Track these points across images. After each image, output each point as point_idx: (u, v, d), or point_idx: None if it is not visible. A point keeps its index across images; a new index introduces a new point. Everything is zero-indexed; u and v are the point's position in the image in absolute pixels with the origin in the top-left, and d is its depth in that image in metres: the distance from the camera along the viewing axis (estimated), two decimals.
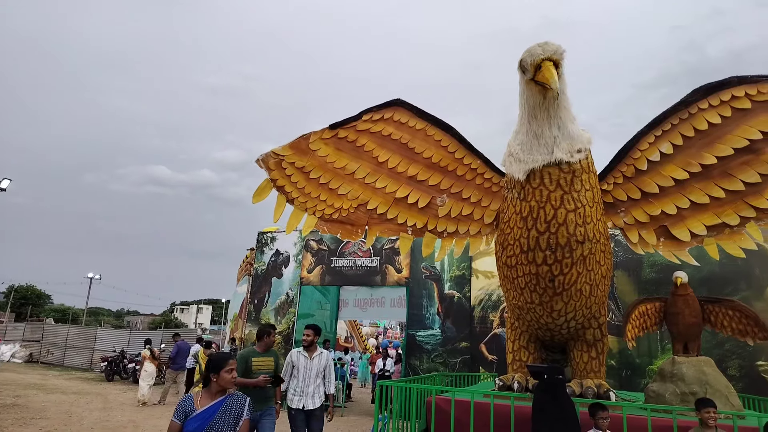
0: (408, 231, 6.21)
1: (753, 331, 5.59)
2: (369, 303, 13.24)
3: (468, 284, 11.75)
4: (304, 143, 6.42)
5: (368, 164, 6.30)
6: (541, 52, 4.58)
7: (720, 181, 5.14)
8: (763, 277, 9.62)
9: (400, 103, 6.26)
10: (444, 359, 11.39)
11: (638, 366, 9.88)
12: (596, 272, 5.18)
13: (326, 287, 13.28)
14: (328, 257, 13.08)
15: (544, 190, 4.96)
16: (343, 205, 6.33)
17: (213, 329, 57.77)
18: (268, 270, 13.53)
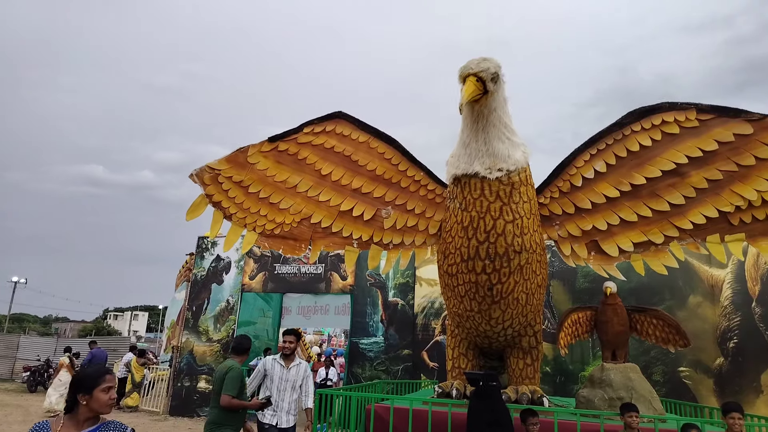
0: (354, 244, 6.15)
1: (674, 339, 5.94)
2: (313, 310, 13.10)
3: (412, 292, 11.85)
4: (242, 157, 6.20)
5: (311, 177, 6.17)
6: (468, 67, 4.78)
7: (648, 200, 5.38)
8: (686, 287, 10.24)
9: (341, 116, 6.20)
10: (386, 367, 11.42)
11: (571, 372, 10.26)
12: (532, 281, 5.34)
13: (269, 294, 13.04)
14: (272, 263, 12.86)
15: (485, 201, 5.09)
16: (285, 220, 6.16)
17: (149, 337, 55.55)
18: (208, 276, 13.14)
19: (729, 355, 9.73)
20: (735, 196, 5.07)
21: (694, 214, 5.22)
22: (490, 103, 4.94)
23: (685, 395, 9.48)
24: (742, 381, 9.56)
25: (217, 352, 12.45)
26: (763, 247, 5.10)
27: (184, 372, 12.39)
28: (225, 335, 12.58)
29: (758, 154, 4.98)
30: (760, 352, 9.59)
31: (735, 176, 5.07)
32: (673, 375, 9.83)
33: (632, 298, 9.53)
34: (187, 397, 12.17)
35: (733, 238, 5.12)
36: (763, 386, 9.45)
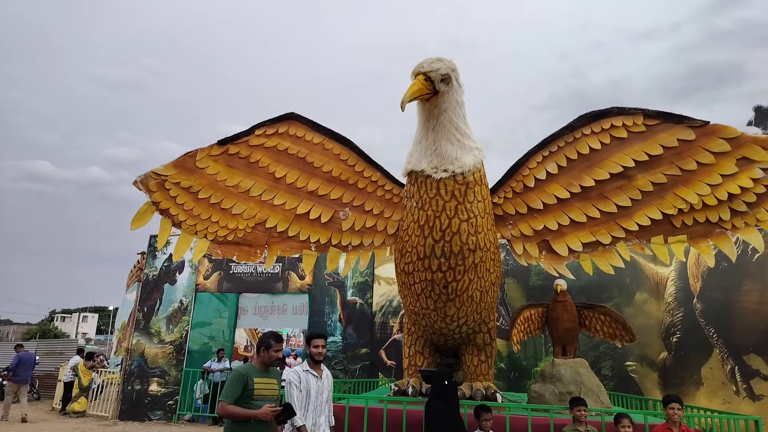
0: (311, 247, 6.03)
1: (621, 335, 6.17)
2: (270, 310, 12.92)
3: (370, 291, 11.87)
4: (190, 161, 5.93)
5: (264, 181, 5.99)
6: (422, 65, 4.85)
7: (596, 202, 5.55)
8: (633, 285, 10.66)
9: (294, 117, 6.07)
10: (344, 366, 11.40)
11: (525, 368, 10.52)
12: (486, 279, 5.44)
13: (224, 294, 12.78)
14: (227, 263, 12.60)
15: (440, 200, 5.15)
16: (238, 226, 5.95)
17: (99, 339, 53.59)
18: (161, 276, 12.76)
19: (672, 350, 10.19)
20: (678, 200, 5.28)
21: (639, 216, 5.42)
22: (440, 103, 5.01)
23: (631, 388, 9.87)
24: (684, 374, 10.03)
25: (170, 354, 12.12)
26: (703, 248, 5.35)
27: (134, 375, 12.00)
28: (178, 336, 12.26)
29: (700, 160, 5.21)
30: (700, 346, 10.07)
31: (678, 180, 5.29)
32: (620, 369, 10.21)
33: (582, 296, 9.84)
34: (137, 401, 11.79)
35: (676, 240, 5.34)
36: (703, 379, 9.94)
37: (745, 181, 5.11)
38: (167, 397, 11.79)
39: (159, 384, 11.91)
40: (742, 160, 5.12)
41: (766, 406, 9.35)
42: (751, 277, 10.19)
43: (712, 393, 9.79)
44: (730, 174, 5.15)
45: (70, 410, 12.39)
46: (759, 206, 5.13)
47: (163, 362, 12.09)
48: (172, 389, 11.80)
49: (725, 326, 10.07)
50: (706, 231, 5.29)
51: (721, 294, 10.22)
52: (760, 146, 5.08)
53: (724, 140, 5.17)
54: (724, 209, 5.19)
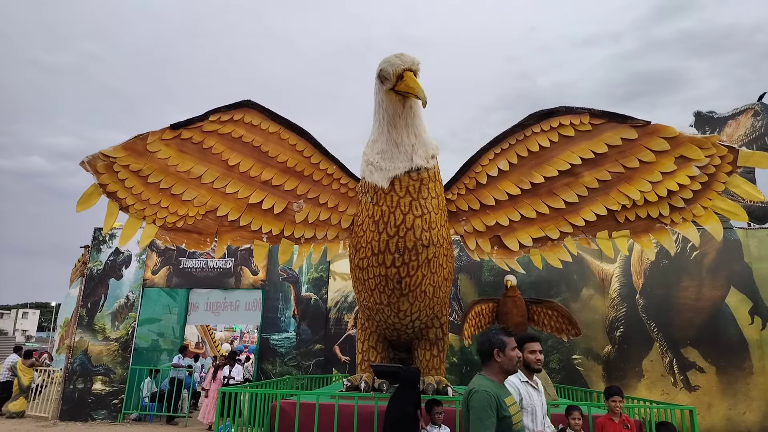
0: (263, 238, 5.94)
1: (567, 329, 6.37)
2: (222, 306, 12.64)
3: (325, 286, 11.80)
4: (141, 144, 5.76)
5: (217, 168, 5.87)
6: (401, 62, 4.78)
7: (546, 198, 5.73)
8: (580, 281, 11.03)
9: (250, 105, 5.96)
10: (298, 362, 11.30)
11: (477, 362, 10.67)
12: (439, 275, 5.49)
13: (174, 290, 12.42)
14: (177, 257, 12.23)
15: (395, 196, 5.16)
16: (188, 213, 5.81)
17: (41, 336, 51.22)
18: (106, 270, 12.24)
19: (616, 343, 10.61)
20: (621, 196, 5.52)
21: (586, 212, 5.63)
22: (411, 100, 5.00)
23: (577, 381, 10.22)
24: (626, 367, 10.46)
25: (115, 352, 11.67)
26: (644, 242, 5.61)
27: (77, 373, 11.50)
28: (124, 333, 11.81)
29: (642, 158, 5.45)
30: (642, 339, 10.54)
31: (622, 177, 5.53)
32: (567, 362, 10.55)
33: (532, 291, 10.11)
34: (80, 400, 11.30)
35: (619, 235, 5.58)
36: (644, 371, 10.41)
37: (683, 178, 5.38)
38: (112, 396, 11.36)
39: (103, 382, 11.46)
40: (680, 159, 5.38)
41: (701, 397, 9.90)
42: (689, 275, 10.74)
43: (652, 384, 10.27)
44: (669, 172, 5.40)
45: (6, 410, 11.77)
46: (695, 202, 5.41)
47: (108, 360, 11.64)
48: (118, 388, 11.38)
49: (665, 321, 10.57)
50: (647, 226, 5.54)
51: (661, 290, 10.72)
52: (696, 146, 5.36)
53: (663, 139, 5.42)
54: (663, 205, 5.44)
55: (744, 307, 10.46)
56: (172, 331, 12.59)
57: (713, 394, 9.95)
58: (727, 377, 10.03)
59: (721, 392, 9.95)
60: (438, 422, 4.59)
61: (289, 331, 11.58)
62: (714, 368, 10.22)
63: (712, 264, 10.71)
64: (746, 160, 5.36)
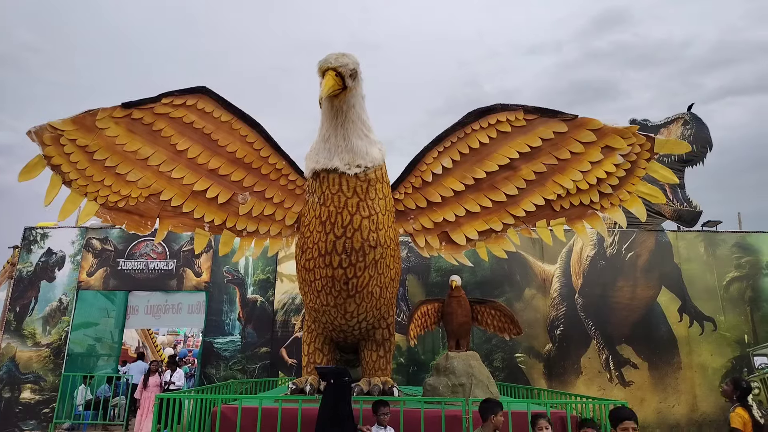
0: (205, 227, 5.88)
1: (509, 328, 6.52)
2: (163, 309, 12.19)
3: (272, 288, 11.61)
4: (90, 120, 5.71)
5: (164, 151, 5.80)
6: (324, 62, 4.83)
7: (488, 192, 5.95)
8: (523, 281, 11.36)
9: (205, 91, 5.92)
10: (243, 366, 11.05)
11: (423, 362, 10.83)
12: (386, 275, 5.51)
13: (112, 292, 11.87)
14: (114, 258, 11.69)
15: (342, 197, 5.14)
16: (131, 194, 5.74)
17: None
18: (36, 272, 11.55)
19: (556, 341, 11.00)
20: (556, 186, 5.85)
21: (525, 203, 5.90)
22: (348, 99, 5.00)
23: (520, 378, 10.52)
24: (566, 364, 10.87)
25: (46, 358, 11.03)
26: (579, 228, 5.95)
27: (3, 382, 10.80)
28: (56, 338, 11.17)
29: (572, 149, 5.81)
30: (580, 338, 10.98)
31: (556, 168, 5.86)
32: (510, 361, 10.84)
33: (477, 291, 10.34)
34: (6, 410, 10.61)
35: (556, 222, 5.89)
36: (582, 368, 10.84)
37: (609, 166, 5.79)
38: (42, 404, 10.73)
39: (33, 391, 10.80)
40: (606, 149, 5.79)
41: (635, 392, 10.41)
42: (624, 275, 11.29)
43: (590, 381, 10.71)
44: (597, 161, 5.80)
45: None
46: (621, 188, 5.82)
47: (38, 367, 10.98)
48: (49, 396, 10.76)
49: (602, 319, 11.06)
50: (581, 213, 5.90)
51: (598, 290, 11.21)
52: (619, 135, 5.78)
53: (590, 131, 5.81)
54: (594, 192, 5.82)
55: (674, 306, 11.10)
56: (110, 335, 12.02)
57: (645, 389, 10.49)
58: (658, 372, 10.59)
59: (652, 387, 10.50)
60: (384, 423, 4.60)
61: (234, 334, 11.32)
62: (646, 364, 10.77)
63: (645, 265, 11.30)
64: (662, 146, 5.88)
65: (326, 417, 4.43)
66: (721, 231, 11.84)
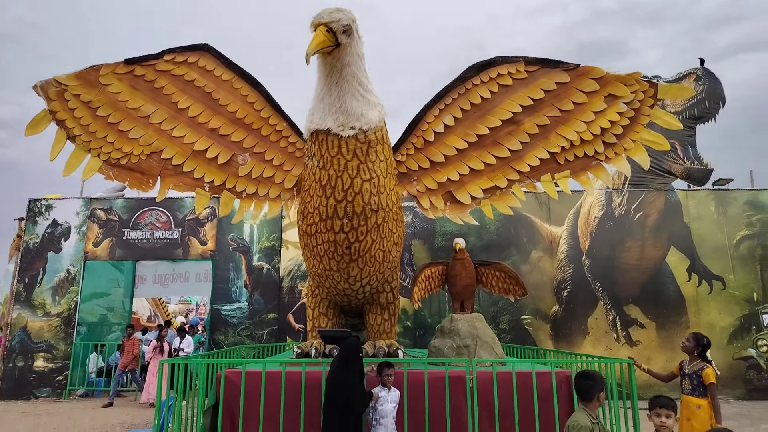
0: (205, 187, 5.88)
1: (514, 289, 6.47)
2: (171, 278, 12.29)
3: (278, 255, 11.62)
4: (94, 75, 5.71)
5: (166, 109, 5.78)
6: (320, 17, 4.66)
7: (491, 149, 5.83)
8: (529, 244, 11.28)
9: (207, 49, 5.84)
10: (251, 332, 11.17)
11: (430, 325, 10.87)
12: (389, 239, 5.44)
13: (121, 262, 11.95)
14: (120, 228, 11.71)
15: (342, 159, 5.03)
16: (133, 151, 5.76)
17: None
18: (43, 243, 11.61)
19: (563, 303, 10.98)
20: (560, 138, 5.74)
21: (529, 158, 5.79)
22: (342, 57, 4.82)
23: (526, 340, 10.55)
24: (572, 325, 10.87)
25: (57, 327, 11.20)
26: (584, 180, 5.85)
27: (16, 351, 11.00)
28: (66, 308, 11.31)
29: (575, 100, 5.68)
30: (587, 299, 10.95)
31: (559, 120, 5.74)
32: (517, 323, 10.86)
33: (483, 255, 10.27)
34: (21, 379, 10.85)
35: (561, 176, 5.80)
36: (589, 329, 10.85)
37: (613, 115, 5.68)
38: (55, 372, 10.95)
39: (45, 359, 11.01)
40: (609, 97, 5.67)
41: (642, 351, 10.41)
42: (633, 236, 11.16)
43: (597, 341, 10.73)
44: (600, 110, 5.68)
45: None
46: (625, 137, 5.74)
47: (50, 336, 11.16)
48: (61, 364, 10.97)
49: (609, 280, 11.00)
50: (585, 164, 5.81)
51: (606, 251, 11.10)
52: (622, 83, 5.64)
53: (593, 80, 5.67)
54: (598, 143, 5.73)
55: (683, 266, 10.99)
56: (121, 305, 12.21)
57: (652, 348, 10.50)
58: (665, 332, 10.57)
59: (659, 346, 10.51)
60: (388, 384, 4.59)
61: (241, 301, 11.40)
62: (654, 324, 10.75)
63: (654, 225, 11.15)
64: (665, 92, 5.77)
65: (334, 381, 4.42)
66: (733, 189, 11.62)
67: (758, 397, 10.07)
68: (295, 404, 4.77)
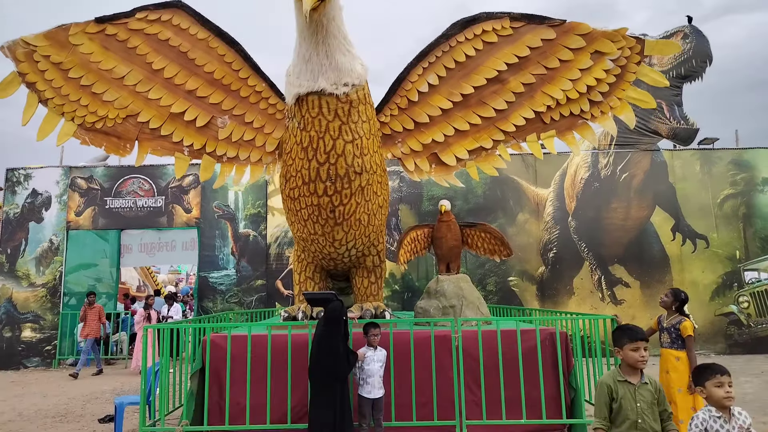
0: (184, 151, 5.71)
1: (499, 250, 6.48)
2: (157, 247, 12.20)
3: (264, 222, 11.55)
4: (63, 35, 5.43)
5: (141, 70, 5.55)
6: None
7: (476, 109, 5.70)
8: (516, 206, 11.30)
9: (181, 5, 5.57)
10: (239, 299, 11.19)
11: (418, 288, 10.95)
12: (373, 202, 5.38)
13: (104, 231, 11.81)
14: (101, 197, 11.51)
15: (323, 120, 4.91)
16: (108, 114, 5.56)
17: None
18: (24, 213, 11.41)
19: (549, 264, 11.09)
20: (546, 97, 5.62)
21: (515, 117, 5.68)
22: (329, 11, 4.64)
23: (513, 301, 10.69)
24: (558, 285, 11.01)
25: (43, 298, 11.12)
26: (569, 139, 5.78)
27: (3, 322, 10.94)
28: (51, 278, 11.21)
29: (561, 57, 5.55)
30: (573, 259, 11.06)
31: (545, 78, 5.62)
32: (503, 285, 10.97)
33: (471, 218, 10.28)
34: (9, 349, 10.83)
35: (547, 135, 5.71)
36: (575, 289, 11.00)
37: (599, 72, 5.57)
38: (44, 342, 10.94)
39: (33, 330, 10.98)
40: (595, 54, 5.55)
41: (626, 309, 10.60)
42: (618, 196, 11.21)
43: (582, 301, 10.89)
44: (586, 68, 5.56)
45: None
46: (611, 95, 5.64)
47: (36, 306, 11.09)
48: (49, 334, 10.94)
49: (595, 241, 11.09)
50: (571, 123, 5.73)
51: (592, 212, 11.16)
52: (608, 39, 5.53)
53: (579, 36, 5.53)
54: (584, 101, 5.63)
55: (667, 225, 11.11)
56: (109, 275, 12.13)
57: (637, 307, 10.69)
58: (649, 290, 10.75)
59: (644, 304, 10.70)
60: (374, 344, 4.61)
61: (229, 268, 11.37)
62: (638, 283, 10.92)
63: (639, 185, 11.20)
64: (652, 48, 5.67)
65: (318, 344, 4.42)
66: (718, 148, 11.65)
67: (738, 351, 10.36)
68: (282, 367, 4.79)
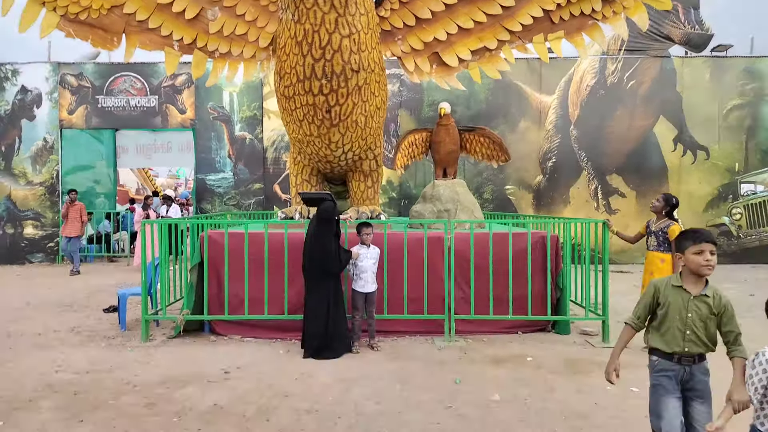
0: (174, 46, 5.51)
1: (497, 155, 6.42)
2: (153, 149, 12.08)
3: (260, 125, 11.33)
4: None
5: None
6: None
7: (482, 5, 5.44)
8: (518, 113, 11.05)
9: None
10: (237, 201, 11.25)
11: (415, 195, 10.97)
12: (371, 103, 5.24)
13: (99, 131, 11.62)
14: (93, 95, 11.17)
15: (318, 12, 4.67)
16: (92, 5, 5.31)
17: None
18: (15, 110, 11.14)
19: (547, 173, 11.06)
20: None
21: (522, 15, 5.44)
22: None
23: (508, 209, 10.79)
24: (554, 194, 11.05)
25: (42, 196, 11.17)
26: (578, 41, 5.57)
27: (4, 219, 11.08)
28: (48, 177, 11.19)
29: None
30: (571, 169, 11.01)
31: None
32: (500, 193, 11.01)
33: (472, 124, 10.08)
34: (13, 245, 11.05)
35: (554, 37, 5.51)
36: (571, 198, 11.06)
37: None
38: (46, 239, 11.15)
39: (35, 227, 11.14)
40: None
41: (620, 218, 10.69)
42: (623, 104, 10.93)
43: (576, 209, 10.99)
44: None
45: None
46: None
47: (35, 204, 11.17)
48: (51, 231, 11.12)
49: (595, 150, 10.98)
50: (580, 24, 5.51)
51: (595, 120, 10.95)
52: None
53: None
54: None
55: (670, 135, 10.94)
56: (107, 177, 12.13)
57: (630, 216, 10.79)
58: (645, 200, 10.79)
59: (637, 214, 10.79)
60: (367, 242, 4.71)
61: (226, 171, 11.32)
62: (634, 193, 10.96)
63: (645, 93, 10.89)
64: None
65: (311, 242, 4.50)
66: (730, 56, 11.18)
67: (726, 261, 10.61)
68: (279, 263, 4.91)
